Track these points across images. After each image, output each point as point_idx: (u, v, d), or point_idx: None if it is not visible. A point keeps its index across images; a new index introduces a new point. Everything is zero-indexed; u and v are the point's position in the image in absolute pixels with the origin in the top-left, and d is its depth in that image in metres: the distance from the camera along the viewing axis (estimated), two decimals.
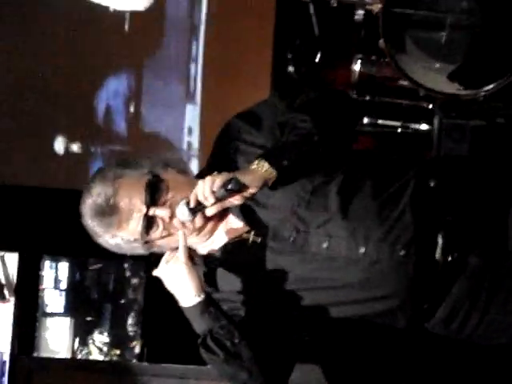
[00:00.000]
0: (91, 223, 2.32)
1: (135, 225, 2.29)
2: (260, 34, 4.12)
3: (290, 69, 3.78)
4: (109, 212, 2.28)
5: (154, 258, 2.39)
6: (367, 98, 3.54)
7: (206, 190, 2.21)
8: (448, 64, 3.34)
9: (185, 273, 2.28)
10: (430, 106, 3.47)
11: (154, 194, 2.29)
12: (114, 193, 2.29)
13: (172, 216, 2.29)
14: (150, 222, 2.29)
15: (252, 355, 2.27)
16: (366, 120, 3.59)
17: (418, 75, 3.31)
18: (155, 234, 2.31)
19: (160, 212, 2.29)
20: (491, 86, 3.25)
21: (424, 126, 3.54)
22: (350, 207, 2.32)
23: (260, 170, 2.25)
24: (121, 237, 2.31)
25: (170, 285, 2.30)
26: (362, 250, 2.30)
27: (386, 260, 2.29)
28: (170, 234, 2.31)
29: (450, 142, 3.34)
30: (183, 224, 2.29)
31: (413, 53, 3.35)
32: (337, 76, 3.64)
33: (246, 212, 2.35)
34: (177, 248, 2.32)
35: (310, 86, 3.62)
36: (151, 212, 2.29)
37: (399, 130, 3.59)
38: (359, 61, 3.50)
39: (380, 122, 3.60)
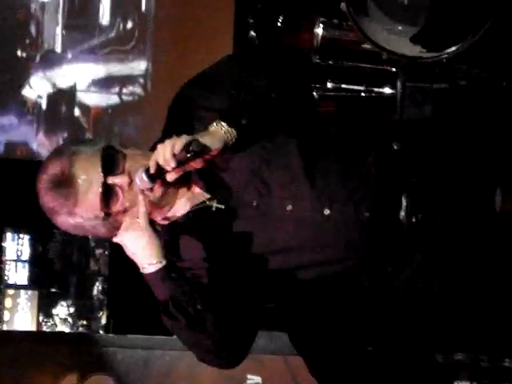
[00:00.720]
0: (47, 199, 2.26)
1: (93, 197, 2.23)
2: None
3: (252, 33, 3.75)
4: (65, 183, 2.23)
5: None
6: (330, 62, 3.52)
7: (166, 153, 2.18)
8: (410, 26, 3.32)
9: (145, 238, 2.24)
10: (393, 70, 3.46)
11: (111, 162, 2.25)
12: (70, 164, 2.24)
13: (131, 183, 2.25)
14: (108, 192, 2.24)
15: (215, 321, 2.26)
16: (329, 84, 3.57)
17: (381, 38, 3.29)
18: (116, 206, 2.26)
19: (118, 179, 2.24)
20: (453, 49, 3.24)
21: (387, 90, 3.53)
22: (314, 169, 2.31)
23: (219, 130, 2.23)
24: (80, 215, 2.26)
25: (131, 251, 2.26)
26: (327, 211, 2.29)
27: (351, 221, 2.28)
28: (131, 206, 2.26)
29: (413, 105, 3.33)
30: (143, 192, 2.25)
31: (375, 16, 3.33)
32: (299, 40, 3.62)
33: (206, 178, 2.32)
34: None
35: (271, 47, 3.59)
36: (109, 181, 2.24)
37: (363, 94, 3.58)
38: (321, 24, 3.48)
39: (343, 86, 3.58)
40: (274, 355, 3.49)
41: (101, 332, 3.98)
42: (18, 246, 3.99)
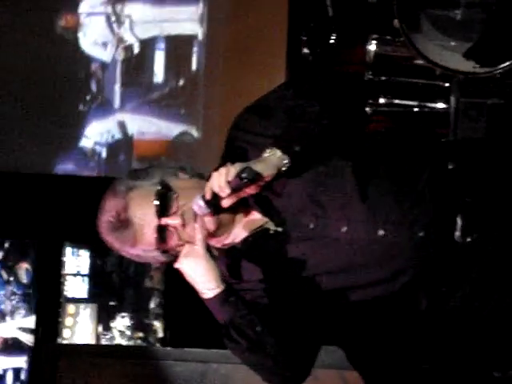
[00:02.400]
0: (108, 239, 2.33)
1: (150, 237, 2.29)
2: (274, 16, 4.12)
3: (305, 50, 3.77)
4: (122, 227, 2.29)
5: None
6: (383, 78, 3.53)
7: (220, 180, 2.22)
8: (463, 42, 3.33)
9: (203, 265, 2.29)
10: (447, 85, 3.46)
11: (164, 203, 2.29)
12: (124, 207, 2.29)
13: (184, 224, 2.29)
14: (163, 233, 2.29)
15: (275, 342, 2.29)
16: (382, 100, 3.58)
17: (434, 54, 3.30)
18: (171, 242, 2.31)
19: (171, 221, 2.29)
20: (507, 63, 3.24)
21: (441, 105, 3.52)
22: (368, 190, 2.32)
23: (273, 157, 2.25)
24: (140, 249, 2.32)
25: (190, 277, 2.32)
26: (381, 232, 2.30)
27: (405, 241, 2.29)
28: (186, 242, 2.32)
29: (467, 121, 3.33)
30: (198, 219, 2.29)
31: (428, 31, 3.34)
32: (352, 57, 3.63)
33: (263, 203, 2.35)
34: None
35: (325, 67, 3.61)
36: (163, 222, 2.29)
37: (416, 110, 3.58)
38: (374, 41, 3.49)
39: (396, 101, 3.59)
40: (330, 369, 3.50)
41: (158, 345, 4.03)
42: (78, 260, 4.07)
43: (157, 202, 2.29)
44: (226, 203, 2.27)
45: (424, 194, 2.33)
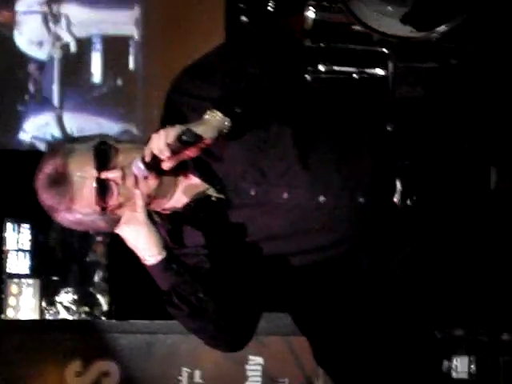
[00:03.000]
0: (45, 197, 2.29)
1: (88, 193, 2.26)
2: None
3: (244, 19, 3.76)
4: (60, 181, 2.26)
5: None
6: (322, 44, 3.53)
7: (160, 142, 2.19)
8: (400, 7, 3.33)
9: (144, 231, 2.27)
10: (385, 51, 3.47)
11: (104, 158, 2.27)
12: (64, 163, 2.26)
13: (124, 177, 2.27)
14: (103, 187, 2.26)
15: (217, 308, 2.29)
16: (321, 67, 3.58)
17: (371, 20, 3.30)
18: (111, 200, 2.28)
19: (111, 174, 2.26)
20: (444, 27, 3.25)
21: (379, 71, 3.54)
22: (309, 156, 2.33)
23: (213, 119, 2.23)
24: (78, 211, 2.29)
25: (131, 244, 2.30)
26: (322, 198, 2.32)
27: (346, 207, 2.31)
28: (127, 200, 2.29)
29: (405, 86, 3.35)
30: (138, 184, 2.27)
31: None
32: (290, 24, 3.62)
33: (204, 168, 2.34)
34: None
35: (266, 33, 3.60)
36: (103, 176, 2.26)
37: (355, 76, 3.59)
38: (312, 8, 3.48)
39: (336, 68, 3.59)
40: (276, 336, 3.52)
41: (103, 318, 4.02)
42: (19, 235, 4.02)
43: (96, 156, 2.26)
44: (165, 166, 2.25)
45: (363, 158, 2.35)
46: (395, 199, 2.33)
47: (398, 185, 2.33)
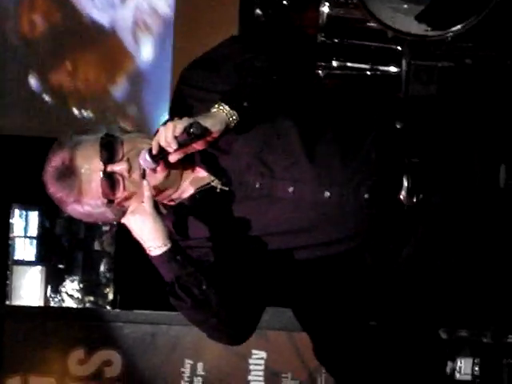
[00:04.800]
0: (53, 190, 2.31)
1: (96, 186, 2.28)
2: None
3: (258, 11, 3.75)
4: (68, 174, 2.27)
5: None
6: (336, 40, 3.52)
7: (168, 135, 2.20)
8: (416, 5, 3.32)
9: (150, 222, 2.27)
10: (399, 48, 3.46)
11: (110, 150, 2.28)
12: (71, 156, 2.28)
13: (131, 170, 2.28)
14: (110, 180, 2.28)
15: (220, 301, 2.29)
16: (334, 63, 3.57)
17: (386, 17, 3.29)
18: (118, 193, 2.29)
19: (118, 167, 2.28)
20: (459, 27, 3.25)
21: (393, 68, 3.53)
22: (315, 151, 2.32)
23: (221, 112, 2.24)
24: (87, 203, 2.30)
25: (137, 234, 2.30)
26: (327, 194, 2.31)
27: (351, 203, 2.30)
28: (134, 193, 2.30)
29: (418, 84, 3.34)
30: (145, 176, 2.28)
31: None
32: (305, 18, 3.62)
33: (209, 161, 2.34)
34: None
35: (278, 28, 3.59)
36: (109, 169, 2.27)
37: (368, 73, 3.58)
38: (327, 3, 3.47)
39: (349, 64, 3.58)
40: (280, 331, 3.52)
41: (107, 307, 4.02)
42: (26, 222, 4.03)
43: (102, 149, 2.27)
44: (172, 158, 2.25)
45: (370, 154, 2.34)
46: (401, 196, 2.32)
47: (405, 182, 2.32)
